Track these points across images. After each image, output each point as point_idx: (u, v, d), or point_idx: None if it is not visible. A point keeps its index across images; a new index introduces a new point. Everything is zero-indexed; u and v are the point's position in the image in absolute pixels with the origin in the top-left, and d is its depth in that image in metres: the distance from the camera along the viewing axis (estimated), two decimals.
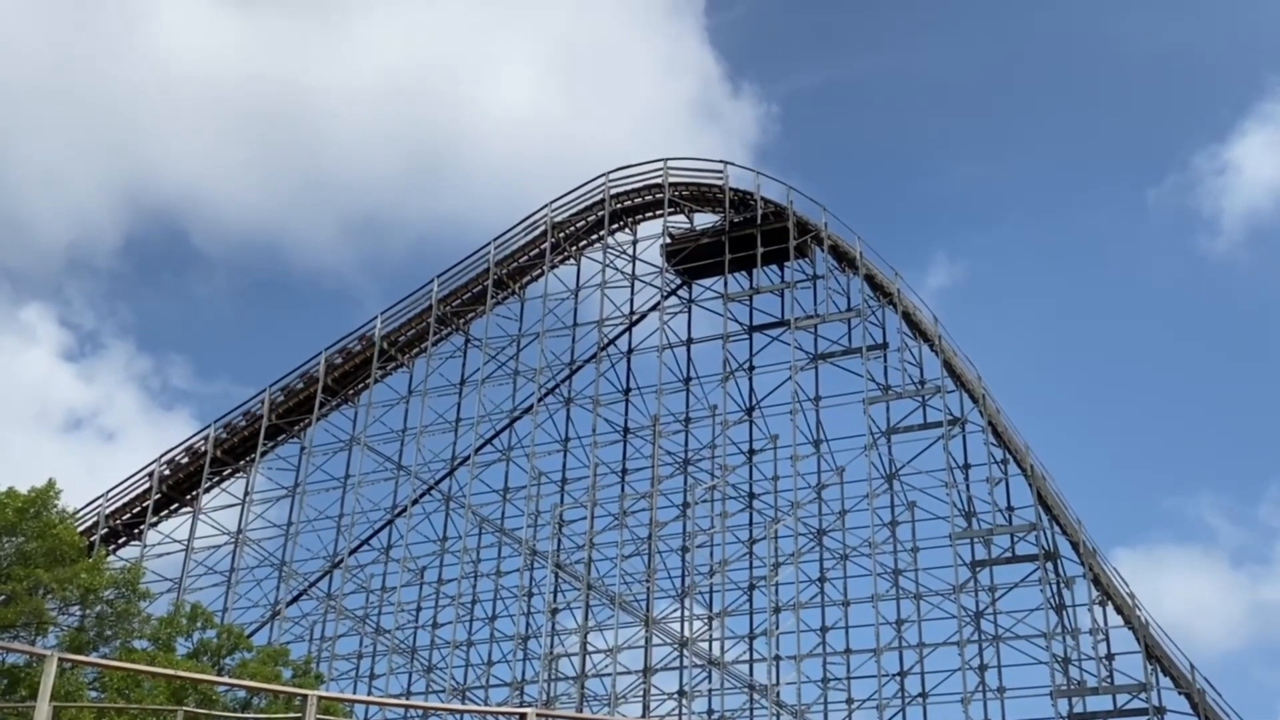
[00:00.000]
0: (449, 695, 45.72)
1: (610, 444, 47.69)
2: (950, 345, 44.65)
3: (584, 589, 45.24)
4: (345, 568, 49.02)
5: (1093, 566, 40.57)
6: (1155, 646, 39.31)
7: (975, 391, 43.64)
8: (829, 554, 44.93)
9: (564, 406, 49.26)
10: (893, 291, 45.80)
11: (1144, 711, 38.12)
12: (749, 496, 46.72)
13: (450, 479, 50.11)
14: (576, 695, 44.15)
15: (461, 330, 51.90)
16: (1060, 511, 41.77)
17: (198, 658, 31.80)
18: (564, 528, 47.58)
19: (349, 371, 51.53)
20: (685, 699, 42.91)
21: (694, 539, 45.23)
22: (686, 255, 49.66)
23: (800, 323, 46.44)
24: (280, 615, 48.13)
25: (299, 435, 51.92)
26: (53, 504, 29.42)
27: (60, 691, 23.99)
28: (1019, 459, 42.60)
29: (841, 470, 44.93)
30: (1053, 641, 39.48)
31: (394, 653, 47.52)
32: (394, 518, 49.99)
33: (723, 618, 44.53)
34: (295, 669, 34.07)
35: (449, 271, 51.68)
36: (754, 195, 49.07)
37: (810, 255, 48.25)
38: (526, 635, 46.63)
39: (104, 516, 50.14)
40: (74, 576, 29.13)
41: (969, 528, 42.15)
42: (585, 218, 51.29)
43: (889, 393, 44.38)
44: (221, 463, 51.59)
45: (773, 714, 41.28)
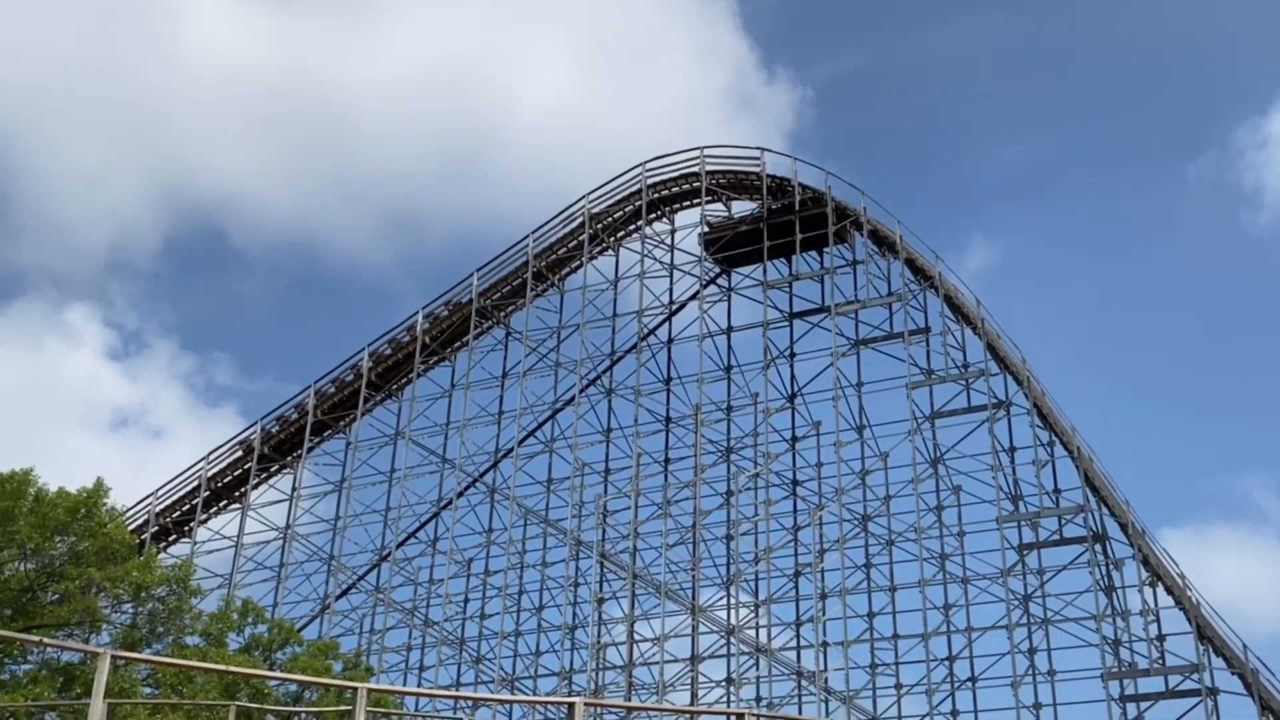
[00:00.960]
0: (498, 685, 46.00)
1: (652, 434, 47.77)
2: (993, 327, 44.34)
3: (629, 578, 45.35)
4: (393, 561, 49.38)
5: (1142, 547, 40.18)
6: (1207, 627, 38.89)
7: (1020, 374, 43.30)
8: (874, 540, 44.80)
9: (605, 397, 49.34)
10: (934, 275, 45.49)
11: (1196, 692, 37.76)
12: (793, 484, 46.64)
13: (494, 471, 50.38)
14: (624, 684, 44.29)
15: (502, 323, 52.10)
16: (1108, 493, 41.38)
17: (249, 653, 32.14)
18: (608, 518, 47.71)
19: (391, 367, 51.88)
20: (733, 686, 42.93)
21: (738, 527, 45.19)
22: (725, 243, 49.56)
23: (841, 308, 46.24)
24: (330, 609, 48.60)
25: (344, 431, 52.36)
26: (102, 503, 29.79)
27: (114, 688, 24.34)
28: (1065, 441, 42.23)
29: (885, 456, 44.73)
30: (1103, 623, 39.17)
31: (443, 644, 47.87)
32: (440, 510, 50.32)
33: (769, 605, 44.52)
34: (346, 662, 34.37)
35: (488, 265, 51.95)
36: (791, 181, 48.89)
37: (849, 240, 48.02)
38: (573, 625, 46.84)
39: (154, 514, 50.78)
40: (125, 574, 29.48)
41: (1016, 511, 41.85)
42: (623, 208, 51.31)
43: (932, 377, 44.13)
44: (269, 459, 52.10)
45: (821, 700, 41.22)
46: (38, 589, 29.03)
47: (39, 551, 28.80)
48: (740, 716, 14.87)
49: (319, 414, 51.69)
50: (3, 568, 28.63)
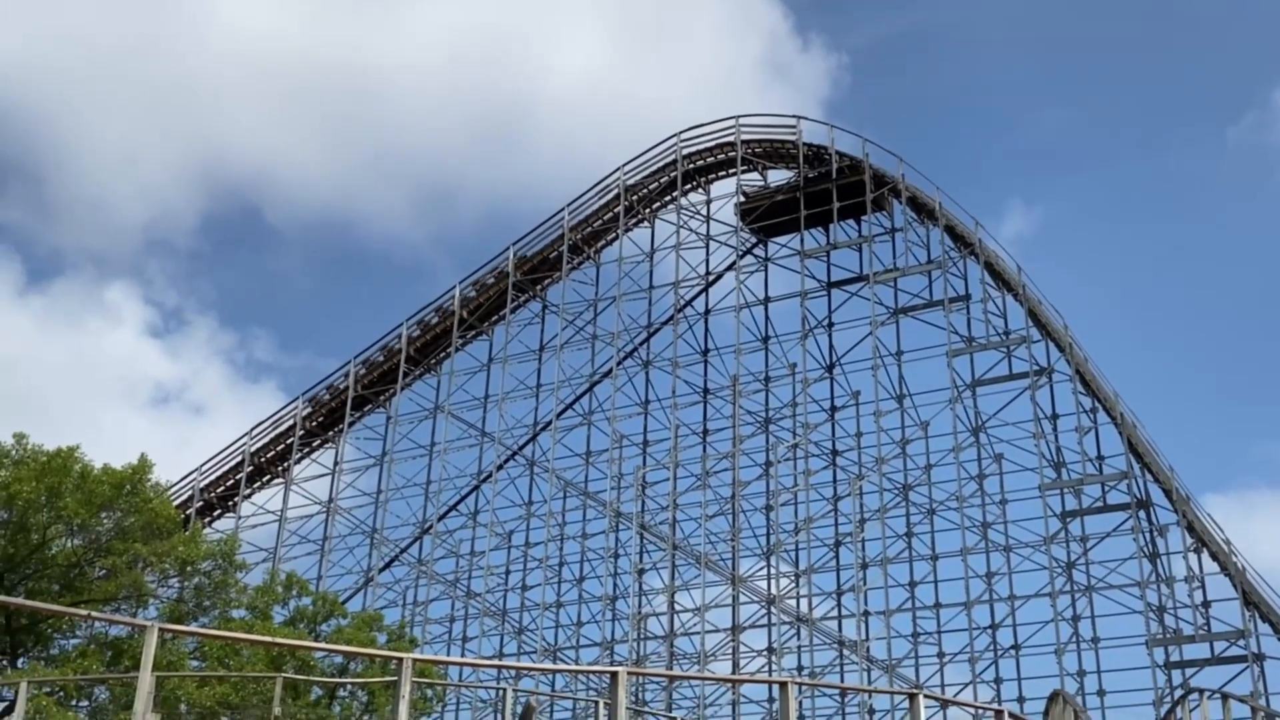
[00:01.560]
0: (540, 656, 46.29)
1: (690, 405, 47.74)
2: (1035, 294, 43.91)
3: (669, 549, 45.43)
4: (435, 533, 49.72)
5: (1186, 513, 39.80)
6: (1252, 592, 38.53)
7: (1061, 340, 42.88)
8: (915, 509, 44.59)
9: (643, 369, 49.34)
10: (974, 242, 45.08)
11: (1243, 658, 37.47)
12: (832, 454, 46.49)
13: (533, 444, 50.55)
14: (666, 654, 44.44)
15: (539, 297, 52.13)
16: (1152, 459, 41.00)
17: (294, 625, 32.45)
18: (647, 489, 47.78)
19: (430, 341, 52.09)
20: (774, 656, 42.98)
21: (778, 497, 45.14)
22: (761, 213, 49.29)
23: (879, 277, 45.93)
24: (373, 581, 49.02)
25: (384, 405, 52.68)
26: (147, 479, 30.11)
27: (162, 662, 24.64)
28: (1108, 407, 41.83)
29: (926, 425, 44.49)
30: (1147, 590, 38.90)
31: (485, 615, 48.19)
32: (480, 483, 50.57)
33: (809, 575, 44.49)
34: (389, 633, 34.64)
35: (524, 239, 52.00)
36: (828, 149, 48.52)
37: (888, 208, 47.63)
38: (614, 596, 47.01)
39: (198, 490, 51.34)
40: (171, 549, 29.82)
41: (1058, 478, 41.55)
42: (658, 179, 51.13)
43: (972, 344, 43.80)
44: (311, 434, 52.52)
45: (863, 669, 41.20)
46: (85, 564, 29.42)
47: (86, 527, 29.17)
48: (784, 685, 14.84)
49: (359, 389, 52.01)
50: (50, 544, 29.02)
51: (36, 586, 28.48)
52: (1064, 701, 24.91)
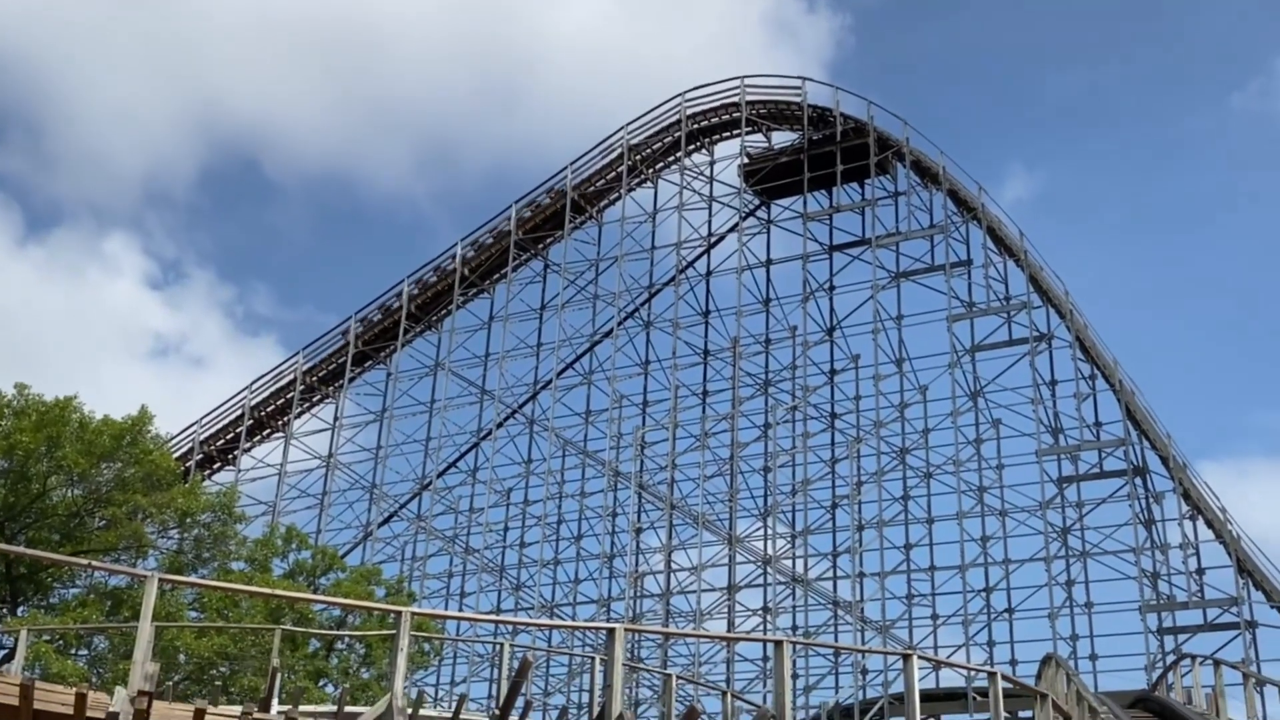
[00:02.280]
0: (538, 612, 46.60)
1: (690, 366, 47.81)
2: (1036, 260, 43.87)
3: (667, 509, 45.63)
4: (434, 489, 49.92)
5: (1183, 481, 39.95)
6: (1247, 560, 38.74)
7: (1062, 306, 42.87)
8: (912, 472, 44.73)
9: (644, 329, 49.36)
10: (976, 207, 44.98)
11: (1235, 625, 37.72)
12: (830, 416, 46.57)
13: (533, 402, 50.66)
14: (662, 612, 44.74)
15: (540, 255, 52.08)
16: (1149, 426, 41.10)
17: (293, 578, 32.66)
18: (646, 449, 47.92)
19: (431, 298, 52.08)
20: (769, 615, 43.27)
21: (776, 459, 45.27)
22: (764, 175, 49.15)
23: (881, 240, 45.86)
24: (372, 536, 49.29)
25: (385, 361, 52.77)
26: (147, 430, 30.22)
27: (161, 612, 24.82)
28: (1107, 374, 41.89)
29: (924, 389, 44.55)
30: (1141, 556, 39.11)
31: (483, 571, 48.47)
32: (479, 441, 50.73)
33: (805, 536, 44.68)
34: (388, 588, 34.88)
35: (526, 197, 51.88)
36: (833, 111, 48.31)
37: (891, 171, 47.49)
38: (612, 554, 47.25)
39: (198, 442, 51.52)
40: (171, 501, 29.98)
41: (1056, 444, 41.67)
42: (661, 139, 50.94)
43: (973, 310, 43.80)
44: (311, 389, 52.62)
45: (857, 629, 41.48)
46: (85, 514, 29.60)
47: (86, 478, 29.31)
48: (779, 644, 14.96)
49: (360, 345, 52.06)
50: (50, 493, 29.18)
51: (37, 535, 28.67)
52: (1056, 665, 25.13)
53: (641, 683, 43.51)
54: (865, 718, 38.34)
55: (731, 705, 21.42)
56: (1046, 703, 18.23)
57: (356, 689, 28.06)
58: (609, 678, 14.12)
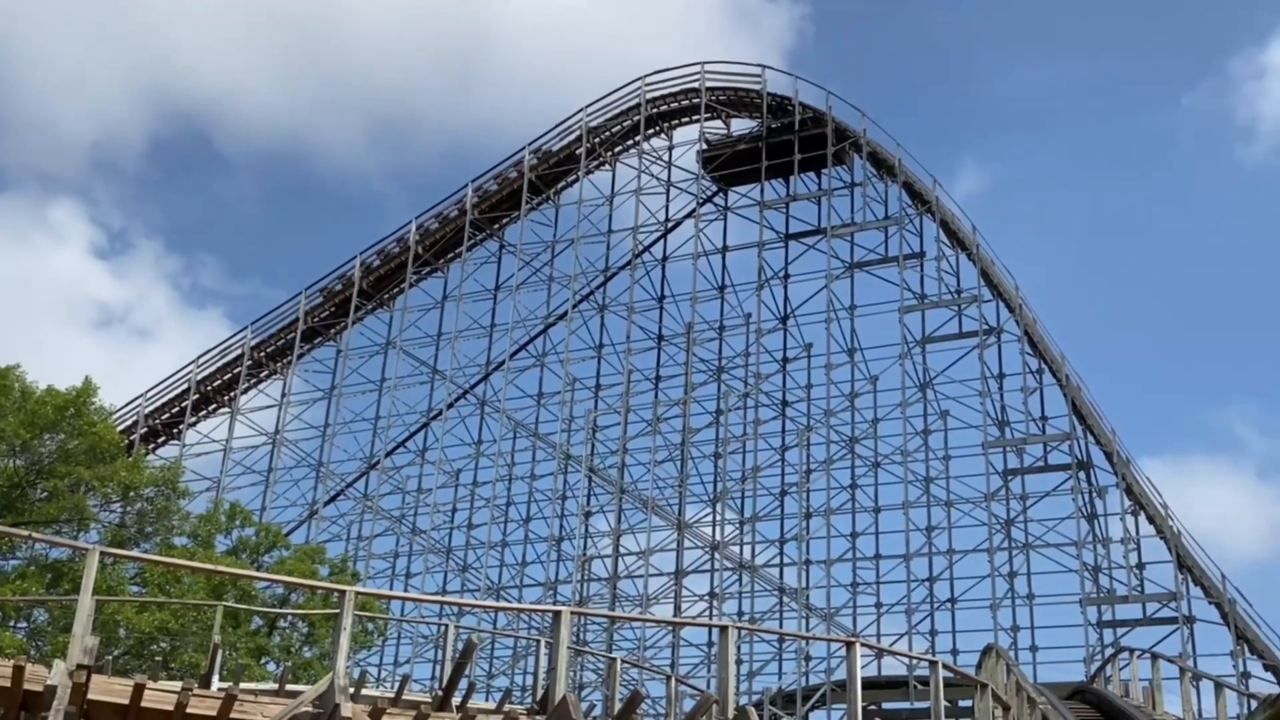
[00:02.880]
0: (484, 594, 46.50)
1: (644, 351, 47.81)
2: (988, 254, 44.21)
3: (617, 493, 45.65)
4: (382, 469, 49.63)
5: (1126, 476, 40.46)
6: (1186, 556, 39.29)
7: (1012, 301, 43.25)
8: (861, 461, 45.01)
9: (598, 313, 49.30)
10: (931, 200, 45.25)
11: (1174, 620, 38.25)
12: (782, 404, 46.76)
13: (485, 384, 50.47)
14: (609, 595, 44.79)
15: (496, 236, 51.84)
16: (1094, 421, 41.57)
17: (236, 555, 32.40)
18: (598, 433, 47.90)
19: (384, 276, 51.71)
20: (716, 600, 43.44)
21: (727, 445, 45.42)
22: (723, 162, 49.18)
23: (837, 230, 46.05)
24: (318, 515, 48.94)
25: (335, 338, 52.35)
26: (91, 402, 29.82)
27: (102, 586, 24.52)
28: (1054, 369, 42.33)
29: (875, 379, 44.83)
30: (1083, 550, 39.59)
31: (430, 552, 48.29)
32: (429, 421, 50.47)
33: (754, 522, 44.88)
34: (332, 567, 34.69)
35: (483, 176, 51.64)
36: (792, 100, 48.40)
37: (848, 162, 47.67)
38: (560, 537, 47.22)
39: (143, 416, 50.91)
40: (114, 474, 29.62)
41: (1002, 437, 42.07)
42: (621, 123, 50.82)
43: (925, 302, 44.10)
44: (259, 364, 52.11)
45: (802, 616, 41.73)
46: (26, 486, 29.15)
47: (28, 449, 28.88)
48: (724, 629, 15.02)
49: (310, 321, 51.60)
50: None
51: None
52: (997, 655, 25.38)
53: (586, 666, 43.56)
54: (807, 704, 38.63)
55: (675, 689, 21.49)
56: (986, 692, 18.43)
57: (298, 667, 27.90)
58: (554, 661, 14.11)
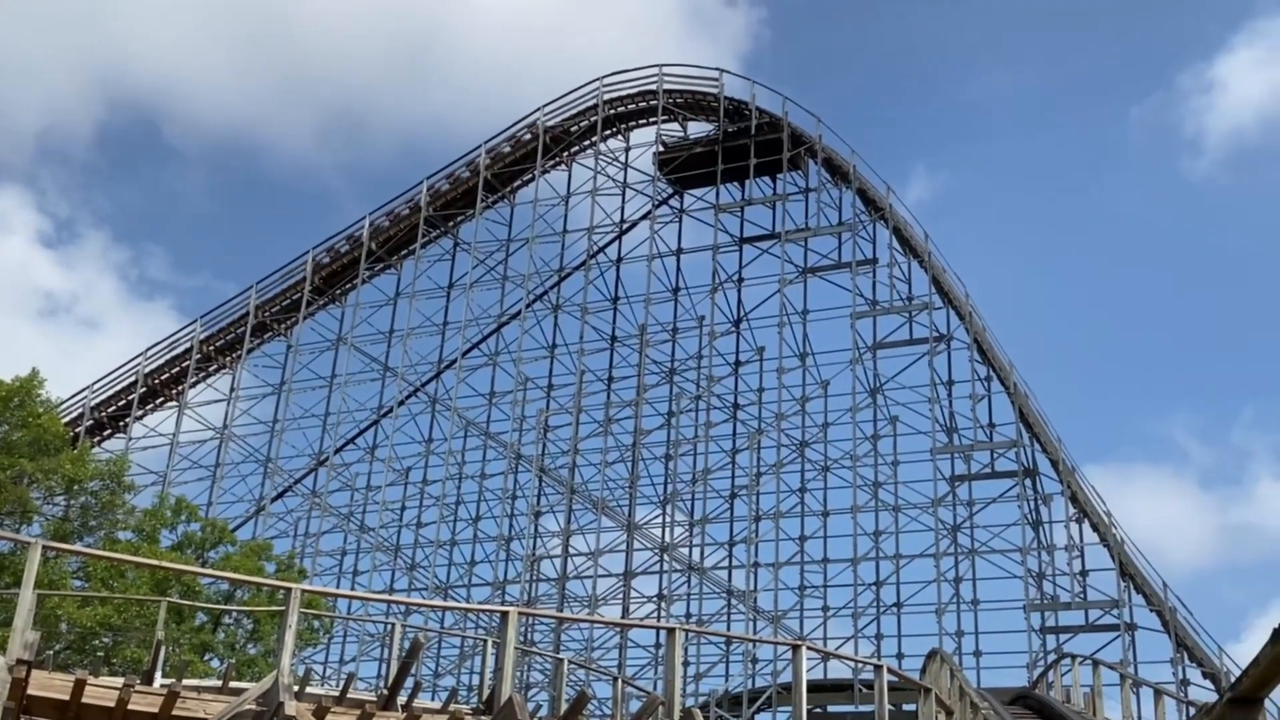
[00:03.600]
0: (431, 593, 46.31)
1: (597, 351, 47.82)
2: (939, 262, 44.62)
3: (567, 493, 45.63)
4: (330, 466, 49.30)
5: (1071, 484, 40.97)
6: (1129, 564, 39.86)
7: (962, 309, 43.70)
8: (810, 465, 45.27)
9: (552, 313, 49.25)
10: (884, 207, 45.61)
11: (1115, 627, 38.78)
12: (733, 407, 46.94)
13: (437, 381, 50.27)
14: (557, 596, 44.76)
15: (450, 234, 51.67)
16: (1041, 429, 42.07)
17: (182, 550, 32.09)
18: (549, 433, 47.85)
19: (336, 271, 51.37)
20: (664, 602, 43.53)
21: (678, 447, 45.53)
22: (679, 164, 49.30)
23: (791, 236, 46.30)
24: (265, 511, 48.54)
25: (285, 333, 51.94)
26: (37, 394, 29.44)
27: (44, 580, 24.24)
28: (1003, 377, 42.80)
29: (826, 384, 45.13)
30: (1028, 556, 40.05)
31: (378, 550, 48.02)
32: (380, 418, 50.21)
33: (703, 525, 45.03)
34: (278, 563, 34.44)
35: (439, 173, 51.46)
36: (749, 105, 48.59)
37: (803, 167, 47.93)
38: (509, 537, 47.09)
39: (89, 408, 50.27)
40: (58, 467, 29.23)
41: (950, 443, 42.48)
42: (578, 123, 50.82)
43: (876, 308, 44.44)
44: (208, 358, 51.63)
45: (750, 619, 41.90)
46: None
47: None
48: (671, 631, 15.08)
49: (260, 315, 51.18)
50: None
51: None
52: (941, 660, 25.64)
53: (533, 666, 43.51)
54: (753, 706, 38.80)
55: (622, 691, 21.52)
56: (930, 697, 18.60)
57: (242, 664, 27.68)
58: (500, 661, 14.10)
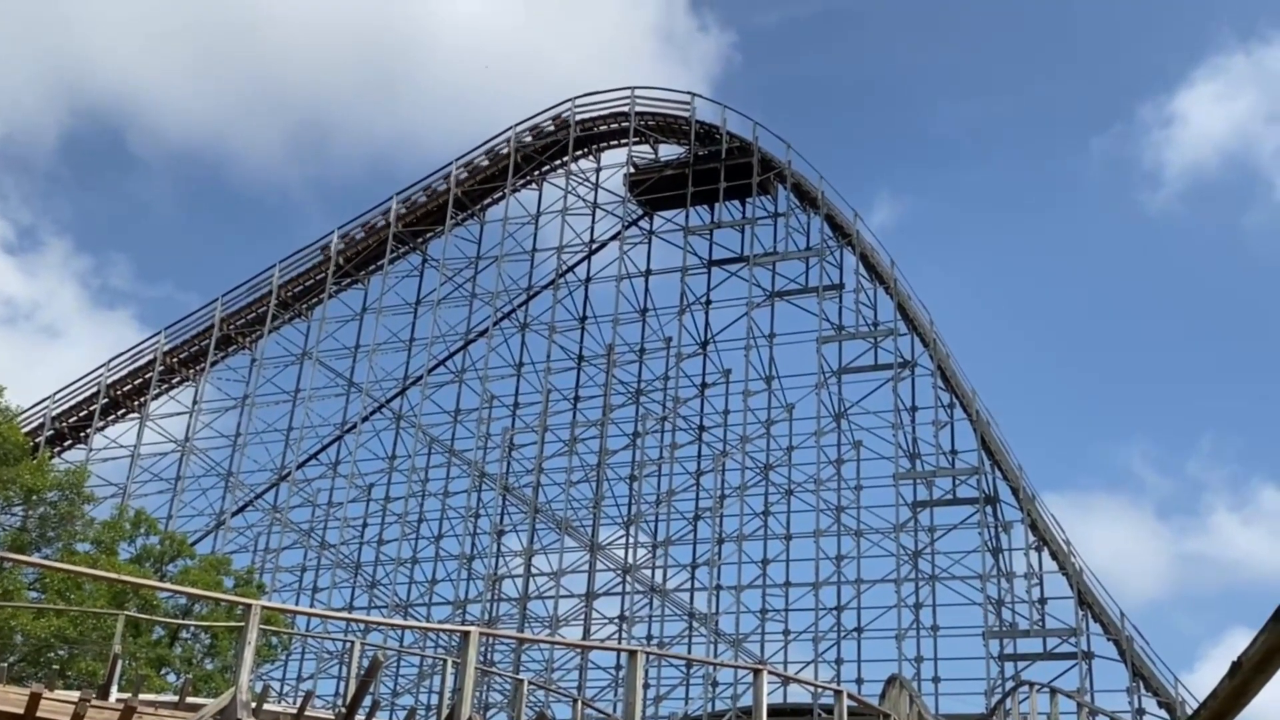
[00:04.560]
0: (391, 611, 46.05)
1: (564, 371, 47.84)
2: (905, 288, 44.98)
3: (530, 512, 45.54)
4: (292, 481, 49.00)
5: (1031, 512, 41.28)
6: (1087, 593, 40.16)
7: (926, 335, 44.02)
8: (774, 489, 45.40)
9: (519, 331, 49.22)
10: (852, 233, 45.95)
11: (1073, 655, 39.03)
12: (699, 429, 47.03)
13: (402, 398, 50.11)
14: (519, 616, 44.60)
15: (419, 250, 51.60)
16: (1002, 457, 42.39)
17: (140, 563, 31.81)
18: (514, 451, 47.76)
19: (303, 285, 51.18)
20: (626, 624, 43.46)
21: (642, 468, 45.55)
22: (649, 186, 49.50)
23: (759, 259, 46.55)
24: (225, 525, 48.16)
25: (250, 347, 51.66)
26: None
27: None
28: (965, 404, 43.11)
29: (791, 407, 45.31)
30: (988, 583, 40.27)
31: (338, 567, 47.73)
32: (343, 434, 49.96)
33: (666, 546, 45.02)
34: (238, 578, 34.19)
35: (409, 189, 51.43)
36: (720, 129, 48.90)
37: (772, 192, 48.23)
38: (471, 555, 46.93)
39: (50, 418, 49.75)
40: (17, 477, 28.97)
41: (913, 469, 42.71)
42: (549, 142, 50.94)
43: (842, 333, 44.71)
44: (171, 370, 51.26)
45: (711, 641, 41.91)
46: None
47: None
48: (633, 654, 15.09)
49: (225, 328, 50.89)
50: None
51: None
52: (900, 686, 25.74)
53: (493, 687, 43.31)
54: None
55: (582, 712, 21.48)
56: None
57: (200, 680, 27.44)
58: (460, 680, 14.07)
